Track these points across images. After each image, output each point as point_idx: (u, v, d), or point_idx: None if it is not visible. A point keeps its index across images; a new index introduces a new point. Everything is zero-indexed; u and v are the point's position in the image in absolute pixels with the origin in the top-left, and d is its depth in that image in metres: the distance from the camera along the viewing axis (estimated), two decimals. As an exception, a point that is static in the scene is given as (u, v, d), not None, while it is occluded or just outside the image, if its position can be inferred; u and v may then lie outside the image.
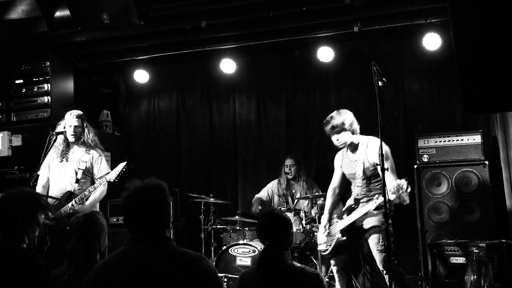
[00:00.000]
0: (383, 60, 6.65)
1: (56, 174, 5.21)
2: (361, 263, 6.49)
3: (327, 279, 5.77)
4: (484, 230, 5.48)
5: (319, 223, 5.81)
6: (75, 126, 5.20)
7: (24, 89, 6.68)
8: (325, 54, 6.60)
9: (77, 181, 5.13)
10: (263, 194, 6.79)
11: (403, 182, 4.16)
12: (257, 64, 7.53)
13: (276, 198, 6.68)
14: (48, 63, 6.66)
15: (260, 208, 6.56)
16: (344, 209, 4.87)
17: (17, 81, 6.72)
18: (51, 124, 6.23)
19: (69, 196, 5.03)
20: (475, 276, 4.84)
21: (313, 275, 3.03)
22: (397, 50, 6.91)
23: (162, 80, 7.88)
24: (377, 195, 4.51)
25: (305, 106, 7.31)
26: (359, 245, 5.51)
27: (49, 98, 6.60)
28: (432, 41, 6.10)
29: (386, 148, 4.51)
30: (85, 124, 5.30)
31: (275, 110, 7.45)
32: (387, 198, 3.95)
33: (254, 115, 7.53)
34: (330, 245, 4.83)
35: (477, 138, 5.72)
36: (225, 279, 5.53)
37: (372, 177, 4.69)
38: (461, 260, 5.16)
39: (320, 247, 4.98)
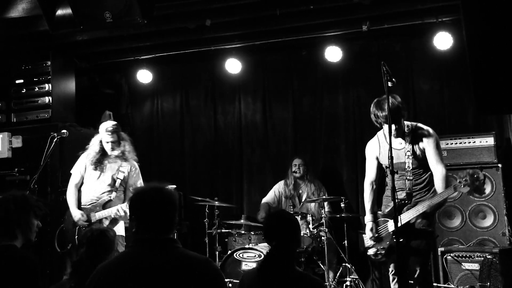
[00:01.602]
0: (392, 60, 6.64)
1: (93, 180, 5.29)
2: (370, 269, 6.48)
3: (334, 285, 5.77)
4: (497, 235, 5.46)
5: (327, 227, 5.82)
6: (112, 142, 5.27)
7: (24, 89, 6.67)
8: (333, 53, 6.59)
9: (116, 189, 5.25)
10: (269, 197, 6.78)
11: (478, 172, 3.98)
12: (263, 64, 7.51)
13: (283, 200, 6.67)
14: (49, 63, 6.65)
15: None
16: (392, 206, 4.39)
17: (17, 81, 6.71)
18: (52, 125, 6.28)
19: (105, 203, 5.18)
20: (489, 283, 4.82)
21: (316, 283, 3.02)
22: (407, 49, 6.88)
23: (166, 80, 7.87)
24: (433, 189, 4.34)
25: (312, 107, 7.28)
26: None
27: (50, 98, 6.58)
28: (443, 40, 6.08)
29: (430, 132, 4.39)
30: (121, 137, 5.37)
31: (281, 111, 7.43)
32: (396, 201, 3.84)
33: (260, 116, 7.52)
34: (383, 249, 4.52)
35: (489, 140, 5.71)
36: (230, 284, 5.52)
37: (423, 167, 4.44)
38: (474, 266, 5.16)
39: (370, 252, 4.63)
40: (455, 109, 6.64)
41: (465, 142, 5.83)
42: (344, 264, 5.94)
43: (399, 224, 4.16)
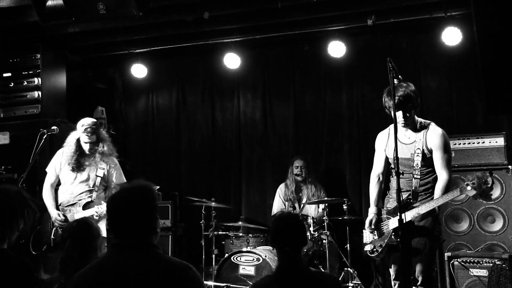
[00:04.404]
0: (399, 56, 6.62)
1: (70, 180, 5.28)
2: (373, 274, 6.48)
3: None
4: (507, 240, 5.44)
5: (328, 230, 5.81)
6: (91, 143, 5.27)
7: (12, 83, 6.65)
8: (337, 49, 6.57)
9: (96, 189, 5.26)
10: (279, 204, 6.71)
11: (487, 176, 3.93)
12: (263, 59, 7.49)
13: (285, 203, 6.64)
14: (38, 56, 6.63)
15: None
16: (396, 204, 4.26)
17: (5, 75, 6.70)
18: (41, 121, 6.24)
19: (85, 204, 5.19)
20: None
21: (331, 278, 3.10)
22: (414, 45, 6.86)
23: (161, 75, 7.86)
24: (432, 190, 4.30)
25: (314, 105, 7.27)
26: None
27: (40, 93, 6.56)
28: (452, 36, 6.06)
29: (441, 134, 4.35)
30: (100, 136, 5.36)
31: (282, 108, 7.41)
32: (401, 200, 3.80)
33: (260, 114, 7.50)
34: (380, 246, 4.48)
35: (499, 141, 5.69)
36: (227, 289, 5.53)
37: (429, 166, 4.39)
38: (482, 272, 5.13)
39: (367, 248, 4.59)
40: (464, 108, 6.63)
41: (474, 143, 5.80)
42: (346, 268, 5.91)
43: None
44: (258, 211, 7.25)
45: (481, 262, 5.18)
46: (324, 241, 5.77)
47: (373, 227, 4.50)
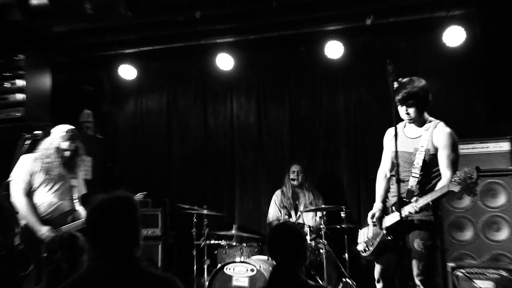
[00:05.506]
0: (397, 57, 6.60)
1: (48, 189, 5.14)
2: (372, 285, 6.37)
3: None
4: (513, 250, 5.38)
5: (326, 239, 5.71)
6: (71, 150, 5.19)
7: (-6, 85, 6.57)
8: (334, 49, 6.55)
9: (78, 199, 5.23)
10: (274, 212, 6.61)
11: (472, 170, 3.88)
12: (257, 60, 7.45)
13: (282, 211, 6.54)
14: (22, 57, 6.53)
15: None
16: (393, 203, 4.40)
17: (-14, 76, 6.61)
18: (25, 124, 6.18)
19: (72, 216, 5.14)
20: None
21: None
22: (413, 46, 6.81)
23: (152, 77, 7.81)
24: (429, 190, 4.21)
25: (311, 108, 7.21)
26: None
27: (24, 95, 6.47)
28: (453, 36, 6.02)
29: (449, 132, 4.29)
30: (79, 145, 5.29)
31: (277, 112, 7.37)
32: (393, 208, 3.72)
33: (254, 118, 7.45)
34: (372, 245, 4.45)
35: (504, 146, 5.64)
36: (219, 301, 5.42)
37: (433, 166, 4.32)
38: (487, 284, 5.07)
39: (359, 247, 4.61)
40: (465, 111, 6.54)
41: (477, 148, 5.76)
42: (344, 279, 5.86)
43: (391, 222, 4.29)
44: (252, 218, 7.17)
45: (486, 273, 5.12)
46: (321, 250, 5.69)
47: (374, 220, 4.45)
